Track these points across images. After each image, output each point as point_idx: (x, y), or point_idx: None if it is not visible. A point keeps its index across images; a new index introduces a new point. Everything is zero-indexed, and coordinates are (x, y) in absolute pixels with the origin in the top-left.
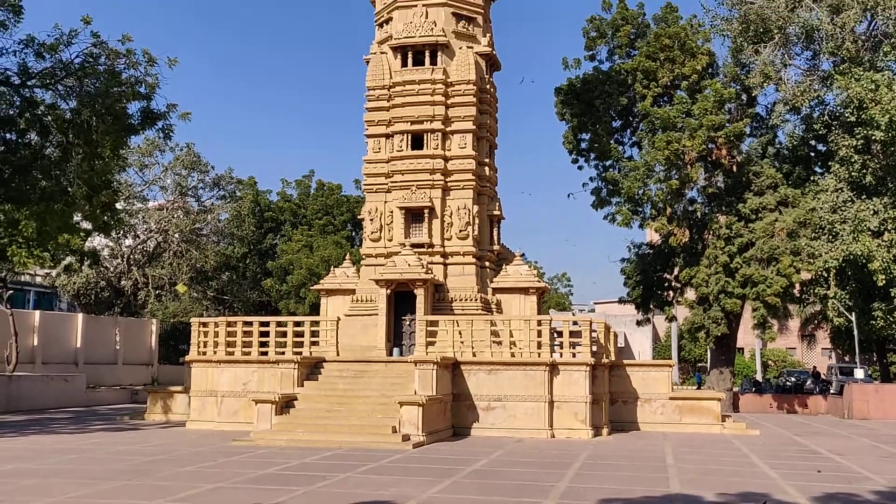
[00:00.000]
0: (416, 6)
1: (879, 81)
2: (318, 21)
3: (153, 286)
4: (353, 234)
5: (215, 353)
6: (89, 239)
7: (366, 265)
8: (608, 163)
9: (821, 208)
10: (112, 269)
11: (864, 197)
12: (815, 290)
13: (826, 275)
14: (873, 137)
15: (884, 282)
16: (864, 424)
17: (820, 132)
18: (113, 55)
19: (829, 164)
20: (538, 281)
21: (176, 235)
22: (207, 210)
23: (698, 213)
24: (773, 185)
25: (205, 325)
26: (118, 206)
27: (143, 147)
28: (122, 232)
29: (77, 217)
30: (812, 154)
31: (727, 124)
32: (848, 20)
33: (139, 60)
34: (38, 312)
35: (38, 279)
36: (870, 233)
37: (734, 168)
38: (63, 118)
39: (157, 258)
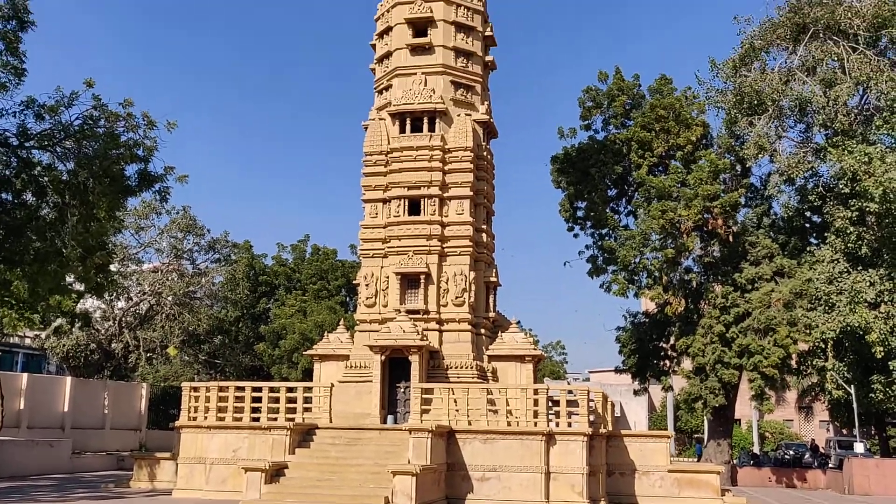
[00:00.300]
0: (415, 74)
1: (872, 154)
2: (319, 84)
3: (144, 349)
4: (348, 299)
5: (206, 418)
6: (81, 301)
7: (360, 331)
8: (604, 231)
9: (817, 279)
10: (103, 331)
11: (860, 268)
12: (813, 362)
13: (824, 346)
14: (868, 209)
15: (882, 354)
16: (866, 500)
17: (815, 203)
18: (113, 118)
19: (825, 235)
20: (534, 349)
21: (169, 298)
22: (202, 273)
23: (694, 283)
24: (769, 256)
25: (196, 389)
26: (112, 267)
27: (139, 209)
28: (115, 294)
29: (70, 278)
30: (807, 225)
31: (722, 194)
32: (840, 94)
33: (139, 123)
34: (25, 375)
35: (27, 341)
36: (866, 304)
37: (730, 238)
38: (60, 179)
39: (149, 321)
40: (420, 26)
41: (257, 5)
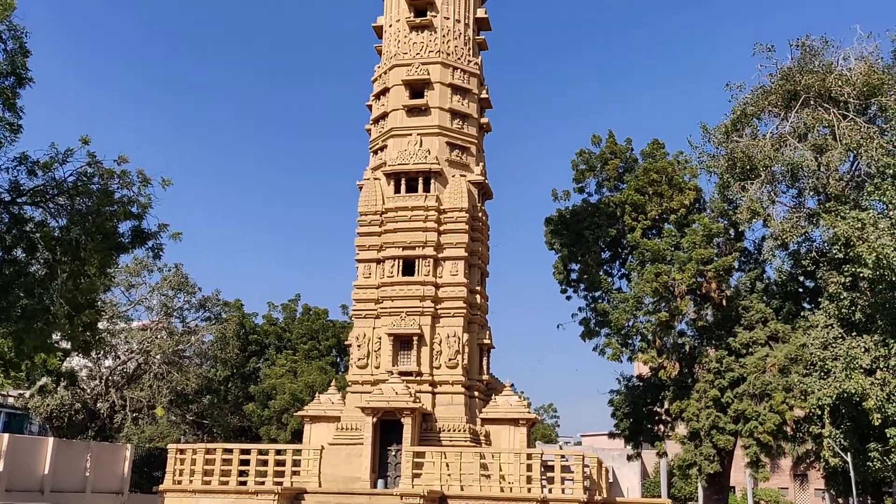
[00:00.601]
0: (410, 135)
1: (865, 220)
2: (315, 143)
3: (131, 409)
4: (338, 359)
5: (191, 481)
6: (67, 359)
7: (352, 392)
8: (597, 294)
9: (811, 344)
10: (89, 390)
11: (854, 334)
12: (809, 429)
13: (820, 412)
14: (861, 275)
15: (879, 421)
16: None
17: (808, 268)
18: (107, 175)
19: (819, 300)
20: (528, 413)
21: (158, 357)
22: (192, 332)
23: (688, 347)
24: (763, 320)
25: (182, 451)
26: (100, 325)
27: (131, 267)
28: (102, 352)
29: (56, 336)
30: (801, 290)
31: (716, 258)
32: (832, 160)
33: (133, 181)
34: (6, 436)
35: (11, 400)
36: (862, 370)
37: (723, 302)
38: (51, 235)
39: (136, 380)
40: (417, 88)
41: (255, 66)
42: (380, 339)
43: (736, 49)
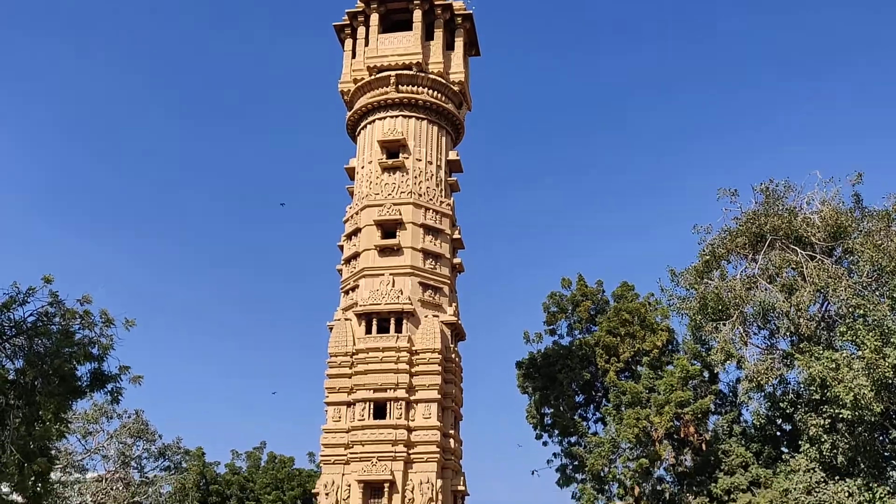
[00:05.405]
0: (383, 275)
1: (839, 360)
2: (283, 288)
3: None
4: None
5: None
6: None
7: None
8: (573, 439)
9: (794, 489)
10: None
11: (836, 478)
12: None
13: None
14: (840, 416)
15: None
16: None
17: (786, 410)
18: (69, 315)
19: (799, 443)
20: None
21: None
22: (149, 482)
23: (667, 493)
24: (744, 465)
25: None
26: (53, 476)
27: (89, 413)
28: None
29: (4, 488)
30: (779, 433)
31: (692, 401)
32: (802, 300)
33: (96, 321)
34: None
35: None
36: None
37: (702, 446)
38: (5, 378)
39: None
40: (389, 228)
41: (223, 212)
42: (349, 486)
43: (700, 192)
